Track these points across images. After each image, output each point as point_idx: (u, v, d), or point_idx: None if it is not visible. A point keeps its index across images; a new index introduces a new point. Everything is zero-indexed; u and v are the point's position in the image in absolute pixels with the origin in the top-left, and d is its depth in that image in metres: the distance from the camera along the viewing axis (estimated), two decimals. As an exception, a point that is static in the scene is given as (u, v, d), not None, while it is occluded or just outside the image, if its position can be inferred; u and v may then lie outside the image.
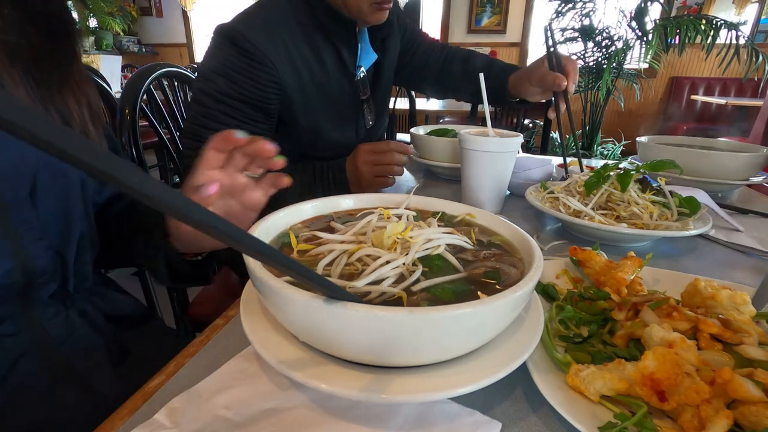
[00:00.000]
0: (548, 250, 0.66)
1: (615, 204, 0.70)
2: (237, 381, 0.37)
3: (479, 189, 0.79)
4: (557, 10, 3.39)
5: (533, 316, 0.38)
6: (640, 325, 0.39)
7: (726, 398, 0.31)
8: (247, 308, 0.38)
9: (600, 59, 3.37)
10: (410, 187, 1.03)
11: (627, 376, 0.33)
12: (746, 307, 0.40)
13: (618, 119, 4.63)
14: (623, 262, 0.49)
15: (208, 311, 1.03)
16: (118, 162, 0.16)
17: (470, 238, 0.43)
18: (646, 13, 3.12)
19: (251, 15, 0.84)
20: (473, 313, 0.29)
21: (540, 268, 0.35)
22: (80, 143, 0.15)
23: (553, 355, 0.38)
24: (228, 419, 0.33)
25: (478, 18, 4.84)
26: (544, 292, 0.49)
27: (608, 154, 3.85)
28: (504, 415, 0.35)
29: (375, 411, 0.34)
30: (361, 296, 0.33)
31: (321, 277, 0.28)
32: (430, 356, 0.32)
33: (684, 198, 0.70)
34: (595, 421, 0.32)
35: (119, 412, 0.36)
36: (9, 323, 0.50)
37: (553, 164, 1.02)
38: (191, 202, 0.19)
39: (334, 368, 0.32)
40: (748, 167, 0.93)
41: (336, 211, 0.51)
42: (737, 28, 2.86)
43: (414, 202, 0.52)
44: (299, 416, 0.34)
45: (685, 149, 0.98)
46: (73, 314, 0.55)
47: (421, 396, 0.30)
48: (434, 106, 3.39)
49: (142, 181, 0.17)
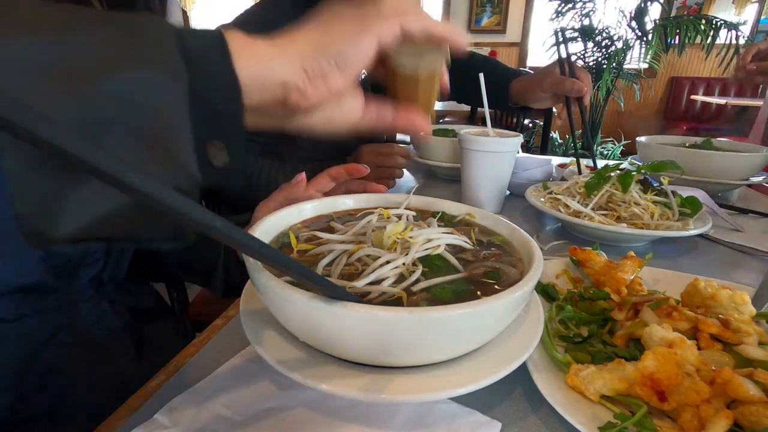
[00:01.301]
0: (548, 250, 0.66)
1: (616, 204, 0.70)
2: (237, 381, 0.37)
3: (479, 189, 0.79)
4: (557, 10, 3.39)
5: (533, 316, 0.38)
6: (640, 325, 0.39)
7: (726, 398, 0.31)
8: (247, 308, 0.38)
9: (600, 59, 3.37)
10: (410, 187, 1.03)
11: (627, 376, 0.33)
12: (746, 307, 0.40)
13: (618, 119, 4.63)
14: (623, 262, 0.49)
15: (208, 311, 1.03)
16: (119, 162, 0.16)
17: (470, 238, 0.43)
18: (646, 13, 3.12)
19: (252, 15, 0.84)
20: (473, 313, 0.29)
21: (540, 268, 0.35)
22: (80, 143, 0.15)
23: (553, 355, 0.38)
24: (228, 419, 0.33)
25: (478, 18, 4.84)
26: (544, 292, 0.49)
27: (608, 154, 3.85)
28: (504, 415, 0.35)
29: (375, 411, 0.34)
30: (361, 296, 0.33)
31: (321, 277, 0.28)
32: (430, 356, 0.32)
33: (685, 198, 0.70)
34: (595, 421, 0.32)
35: (119, 412, 0.36)
36: (54, 297, 0.52)
37: (553, 164, 1.02)
38: (191, 202, 0.19)
39: (334, 368, 0.32)
40: (748, 167, 0.93)
41: (336, 211, 0.51)
42: (737, 28, 2.86)
43: (414, 202, 0.52)
44: (299, 416, 0.34)
45: (685, 149, 0.98)
46: (104, 301, 0.58)
47: (421, 396, 0.30)
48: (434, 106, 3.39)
49: (143, 181, 0.17)
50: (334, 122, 0.33)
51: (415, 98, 0.38)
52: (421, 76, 0.35)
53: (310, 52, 0.28)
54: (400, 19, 0.31)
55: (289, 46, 0.28)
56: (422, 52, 0.34)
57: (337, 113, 0.33)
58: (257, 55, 0.27)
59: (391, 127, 0.36)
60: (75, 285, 0.54)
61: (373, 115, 0.35)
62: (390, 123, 0.36)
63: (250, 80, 0.26)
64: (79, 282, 0.54)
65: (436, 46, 0.35)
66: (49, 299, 0.52)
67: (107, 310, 0.58)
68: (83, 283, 0.55)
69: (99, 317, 0.56)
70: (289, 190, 0.54)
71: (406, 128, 0.37)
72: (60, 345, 0.52)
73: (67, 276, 0.53)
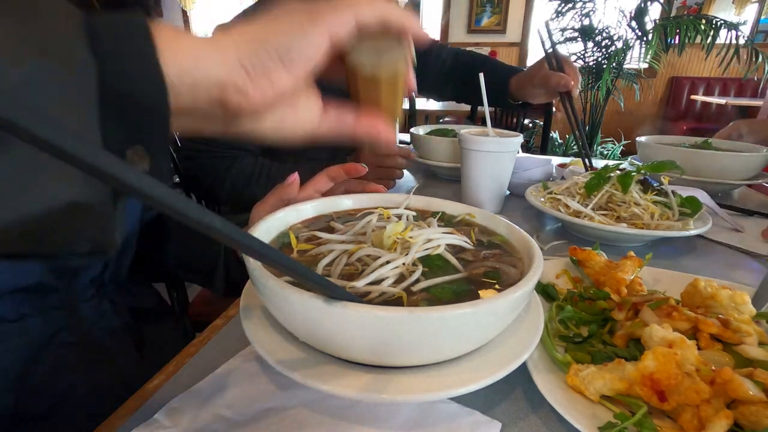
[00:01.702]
0: (548, 250, 0.66)
1: (616, 205, 0.70)
2: (237, 381, 0.37)
3: (479, 189, 0.79)
4: (557, 10, 3.39)
5: (533, 316, 0.38)
6: (640, 325, 0.39)
7: (726, 398, 0.31)
8: (247, 308, 0.38)
9: (600, 59, 3.37)
10: (410, 187, 1.03)
11: (627, 376, 0.33)
12: (746, 307, 0.40)
13: (618, 119, 4.63)
14: (623, 262, 0.49)
15: (208, 311, 1.03)
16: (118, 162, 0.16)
17: (470, 238, 0.43)
18: (646, 13, 3.12)
19: (251, 14, 0.84)
20: (473, 313, 0.29)
21: (540, 268, 0.35)
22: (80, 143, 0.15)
23: (553, 355, 0.38)
24: (228, 419, 0.33)
25: (478, 18, 4.84)
26: (544, 292, 0.49)
27: (608, 154, 3.85)
28: (504, 415, 0.35)
29: (375, 411, 0.34)
30: (361, 296, 0.33)
31: (321, 277, 0.28)
32: (430, 356, 0.32)
33: (685, 198, 0.70)
34: (595, 421, 0.32)
35: (119, 412, 0.36)
36: (55, 296, 0.52)
37: (553, 164, 1.02)
38: (190, 202, 0.19)
39: (333, 368, 0.32)
40: (748, 167, 0.93)
41: (336, 211, 0.51)
42: (737, 28, 2.86)
43: (414, 202, 0.52)
44: (299, 416, 0.34)
45: (685, 149, 0.98)
46: (104, 301, 0.58)
47: (421, 396, 0.30)
48: (434, 106, 3.39)
49: (141, 180, 0.17)
50: (287, 128, 0.30)
51: (377, 101, 0.34)
52: (382, 76, 0.32)
53: (249, 45, 0.25)
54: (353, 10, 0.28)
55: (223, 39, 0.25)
56: (383, 49, 0.32)
57: (289, 117, 0.30)
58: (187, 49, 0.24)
59: (351, 133, 0.33)
60: (76, 285, 0.54)
61: (332, 120, 0.32)
62: (351, 129, 0.33)
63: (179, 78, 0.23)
64: (79, 282, 0.55)
65: (397, 40, 0.32)
66: (50, 299, 0.52)
67: (108, 310, 0.58)
68: (84, 283, 0.55)
69: (99, 317, 0.57)
70: (282, 191, 0.54)
71: (369, 135, 0.34)
72: (60, 345, 0.52)
73: (68, 276, 0.53)
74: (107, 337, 0.56)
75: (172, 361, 0.41)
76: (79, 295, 0.55)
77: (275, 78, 0.26)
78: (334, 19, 0.27)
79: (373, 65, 0.31)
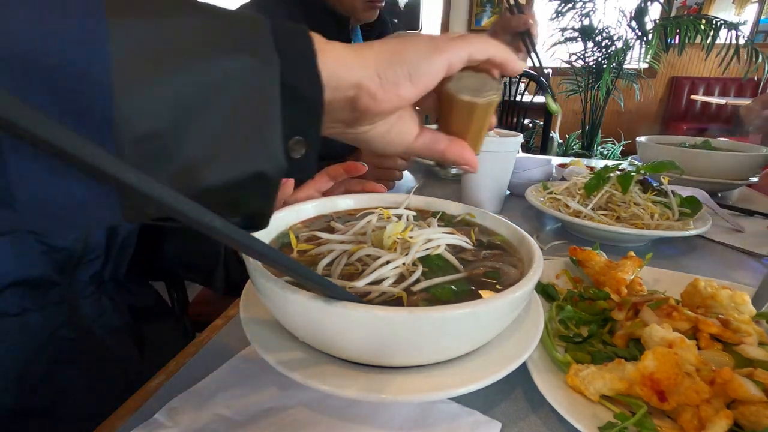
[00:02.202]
0: (548, 250, 0.66)
1: (616, 205, 0.70)
2: (237, 381, 0.37)
3: (479, 189, 0.79)
4: (557, 10, 3.39)
5: (533, 316, 0.38)
6: (640, 325, 0.39)
7: (726, 398, 0.31)
8: (247, 308, 0.38)
9: (600, 59, 3.37)
10: (410, 187, 1.03)
11: (627, 376, 0.33)
12: (746, 307, 0.40)
13: (618, 119, 4.63)
14: (623, 262, 0.49)
15: (208, 311, 1.03)
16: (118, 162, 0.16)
17: (470, 238, 0.43)
18: (646, 13, 3.12)
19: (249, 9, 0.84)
20: (473, 313, 0.29)
21: (540, 268, 0.35)
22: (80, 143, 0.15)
23: (553, 355, 0.38)
24: (228, 419, 0.33)
25: (478, 18, 4.83)
26: (544, 292, 0.49)
27: (608, 154, 3.85)
28: (504, 415, 0.35)
29: (375, 411, 0.34)
30: (361, 296, 0.33)
31: (321, 277, 0.28)
32: (430, 356, 0.32)
33: (685, 198, 0.70)
34: (595, 421, 0.32)
35: (119, 411, 0.36)
36: (55, 292, 0.53)
37: (553, 164, 1.02)
38: (190, 202, 0.19)
39: (333, 368, 0.32)
40: (748, 167, 0.93)
41: (336, 211, 0.51)
42: (737, 28, 2.86)
43: (414, 202, 0.52)
44: (299, 416, 0.34)
45: (685, 149, 0.98)
46: (104, 298, 0.58)
47: (421, 396, 0.30)
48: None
49: (140, 180, 0.17)
50: (392, 137, 0.33)
51: (466, 130, 0.37)
52: (478, 108, 0.35)
53: (386, 58, 0.29)
54: (470, 47, 0.32)
55: (365, 49, 0.29)
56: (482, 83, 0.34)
57: (395, 129, 0.33)
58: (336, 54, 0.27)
59: (440, 155, 0.36)
60: (76, 281, 0.55)
61: (427, 140, 0.35)
62: (441, 152, 0.36)
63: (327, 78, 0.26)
64: (80, 278, 0.55)
65: (494, 74, 0.35)
66: (51, 294, 0.52)
67: (108, 307, 0.58)
68: (84, 279, 0.55)
69: (99, 314, 0.57)
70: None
71: (456, 160, 0.37)
72: (61, 340, 0.52)
73: (69, 271, 0.53)
74: (107, 334, 0.57)
75: (172, 361, 0.41)
76: (79, 291, 0.55)
77: (402, 90, 0.29)
78: (454, 51, 0.31)
79: (472, 97, 0.34)
